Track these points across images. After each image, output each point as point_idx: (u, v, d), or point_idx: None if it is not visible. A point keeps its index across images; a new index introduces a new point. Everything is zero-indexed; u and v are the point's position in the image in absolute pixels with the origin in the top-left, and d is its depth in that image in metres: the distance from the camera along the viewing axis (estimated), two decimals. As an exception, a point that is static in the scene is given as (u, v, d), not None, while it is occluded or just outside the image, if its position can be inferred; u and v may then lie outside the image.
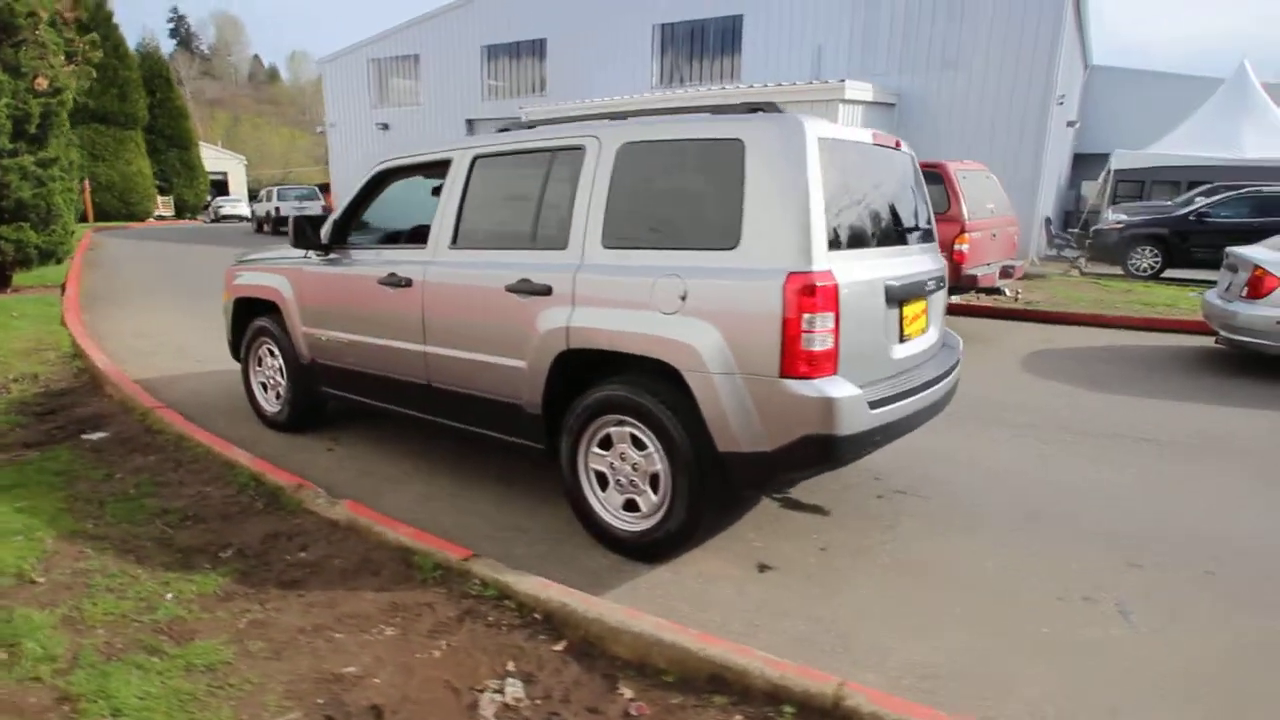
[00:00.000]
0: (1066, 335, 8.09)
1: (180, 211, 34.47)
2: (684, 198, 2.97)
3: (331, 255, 4.27)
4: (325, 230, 4.26)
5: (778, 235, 2.69)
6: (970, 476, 4.08)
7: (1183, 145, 17.40)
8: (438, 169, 3.99)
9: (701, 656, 2.28)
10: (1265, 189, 12.70)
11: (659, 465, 3.01)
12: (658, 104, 16.27)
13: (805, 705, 2.11)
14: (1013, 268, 8.40)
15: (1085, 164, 22.93)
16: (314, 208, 24.14)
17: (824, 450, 2.71)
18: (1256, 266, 6.15)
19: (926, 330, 3.43)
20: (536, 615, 2.59)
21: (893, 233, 3.24)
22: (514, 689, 2.27)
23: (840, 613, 2.77)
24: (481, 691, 2.26)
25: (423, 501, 3.73)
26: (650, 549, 3.10)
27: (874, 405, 2.80)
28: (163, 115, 32.82)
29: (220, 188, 41.74)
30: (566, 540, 3.31)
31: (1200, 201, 13.84)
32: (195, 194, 35.50)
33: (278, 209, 24.38)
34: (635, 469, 3.09)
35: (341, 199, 4.07)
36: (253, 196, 36.59)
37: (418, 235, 4.95)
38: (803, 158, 2.71)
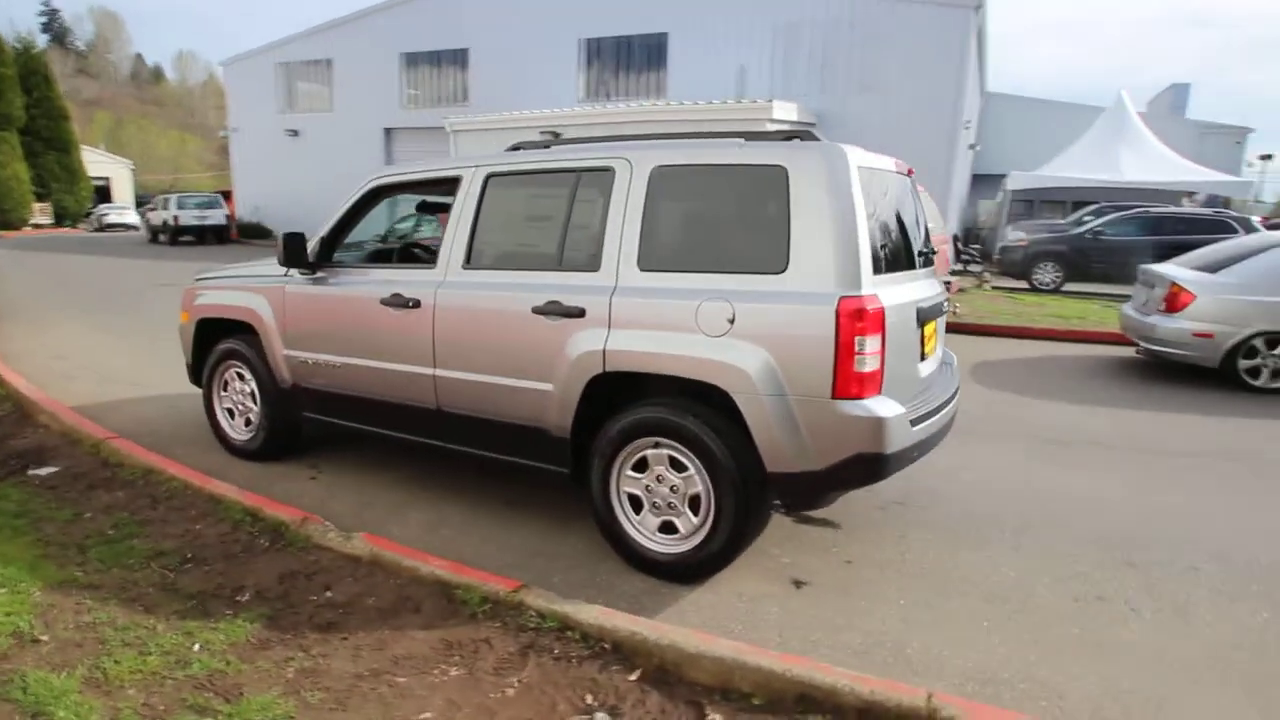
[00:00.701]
0: (999, 347, 8.62)
1: (60, 219, 31.82)
2: (726, 222, 3.01)
3: (318, 274, 4.07)
4: (311, 247, 4.04)
5: (826, 260, 2.77)
6: (957, 487, 4.28)
7: (1069, 168, 18.84)
8: (440, 186, 3.88)
9: (788, 677, 2.30)
10: (1152, 210, 13.97)
11: (699, 487, 3.02)
12: (604, 119, 16.32)
13: (901, 718, 2.17)
14: (949, 283, 8.89)
15: (980, 184, 24.53)
16: (217, 216, 22.82)
17: (873, 468, 2.80)
18: (1173, 283, 6.76)
19: (935, 349, 3.60)
20: (605, 645, 2.54)
21: (912, 256, 3.38)
22: (604, 723, 2.22)
23: (886, 625, 2.85)
24: (570, 728, 2.20)
25: (432, 530, 3.60)
26: (688, 571, 3.10)
27: (913, 423, 2.91)
28: (40, 116, 30.33)
29: (103, 194, 38.77)
30: (596, 565, 3.27)
31: (1093, 221, 15.05)
32: (76, 200, 32.90)
33: (176, 218, 22.89)
34: (674, 491, 3.09)
35: (327, 215, 3.85)
36: (140, 203, 34.20)
37: (408, 254, 4.82)
38: (848, 185, 2.80)
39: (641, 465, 3.16)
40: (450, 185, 3.76)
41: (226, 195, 25.34)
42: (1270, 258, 6.47)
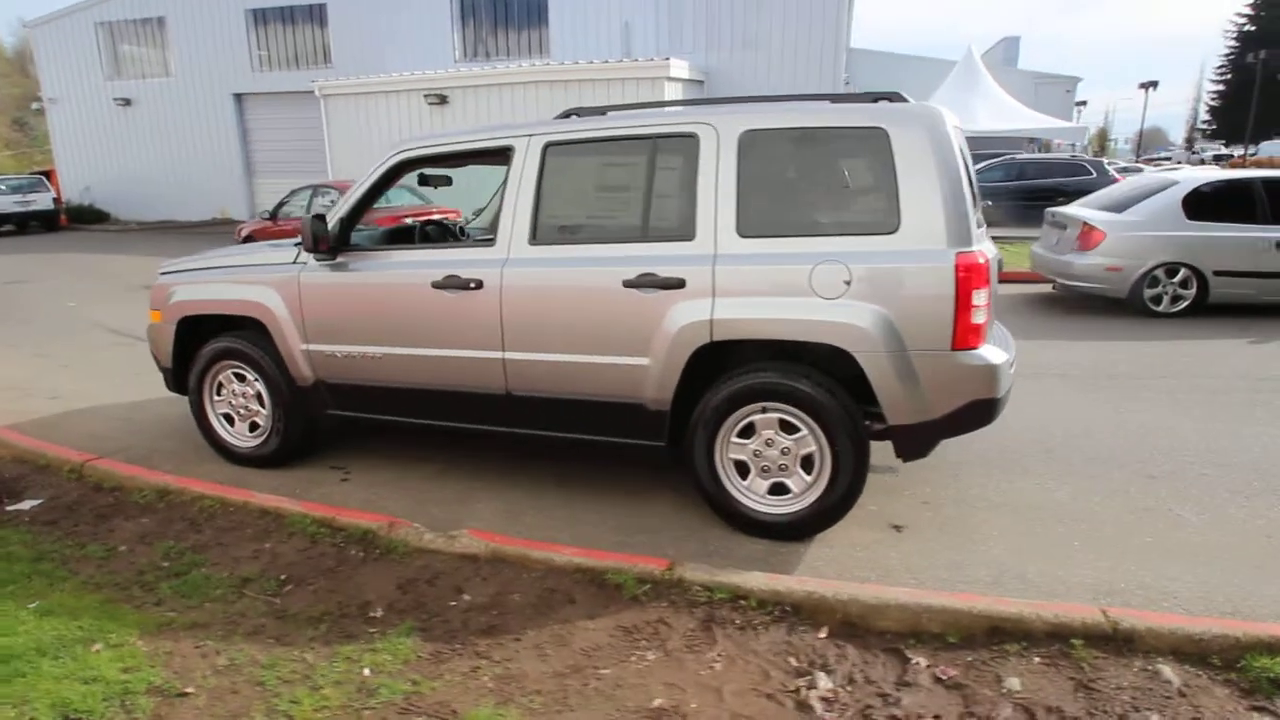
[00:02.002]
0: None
1: None
2: (828, 185, 3.04)
3: (338, 259, 3.73)
4: (331, 230, 3.68)
5: (936, 218, 2.88)
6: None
7: (933, 119, 20.08)
8: (482, 157, 3.64)
9: (974, 613, 2.46)
10: (1018, 156, 15.27)
11: (812, 446, 3.10)
12: (495, 79, 15.58)
13: (1088, 635, 2.38)
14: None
15: (850, 136, 25.74)
16: (43, 201, 19.99)
17: (986, 412, 2.99)
18: (1085, 223, 7.50)
19: None
20: (785, 608, 2.59)
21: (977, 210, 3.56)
22: (824, 680, 2.29)
23: (998, 555, 3.08)
24: (796, 692, 2.25)
25: (513, 519, 3.47)
26: (803, 528, 3.19)
27: (1009, 367, 3.13)
28: None
29: None
30: (704, 534, 3.29)
31: (965, 168, 16.25)
32: None
33: (-12, 203, 19.81)
34: (785, 453, 3.15)
35: (342, 193, 3.46)
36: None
37: (429, 232, 4.49)
38: (950, 144, 2.91)
39: (746, 431, 3.19)
40: (497, 156, 3.53)
41: (48, 175, 22.21)
42: (1166, 196, 7.31)
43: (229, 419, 4.20)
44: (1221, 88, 49.00)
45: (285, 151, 20.90)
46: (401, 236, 4.33)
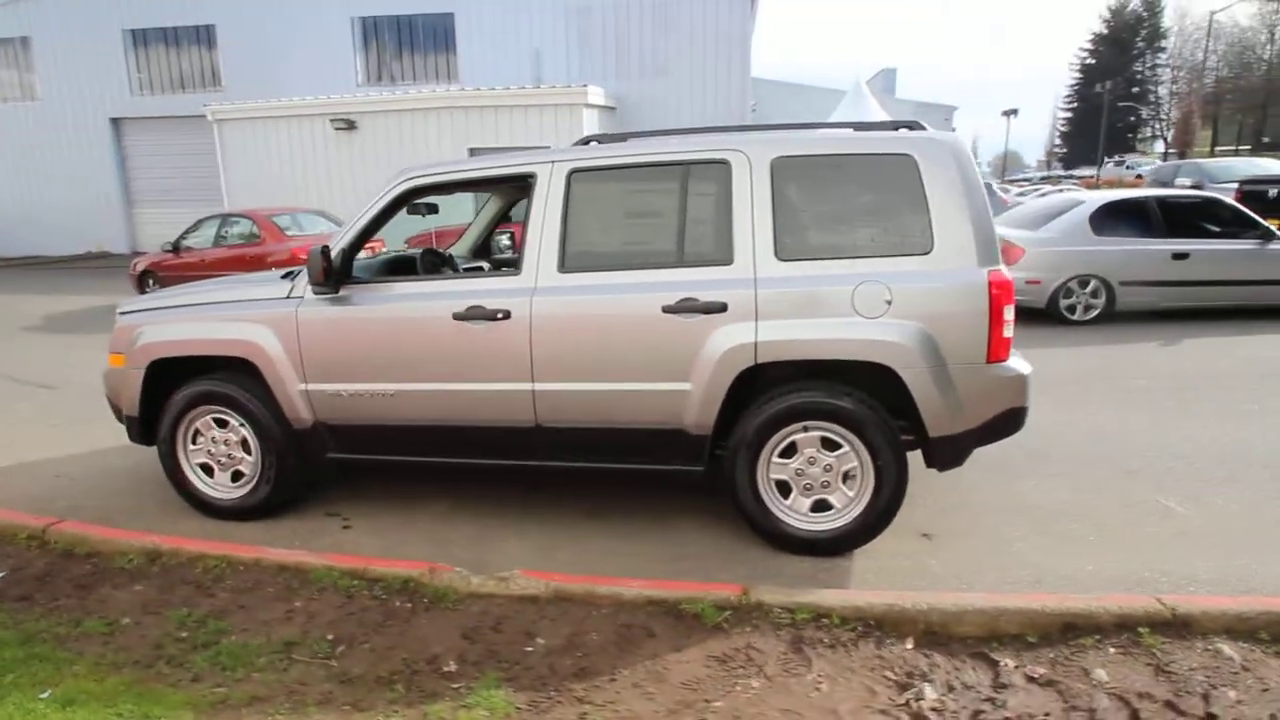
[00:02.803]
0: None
1: None
2: (861, 209, 3.15)
3: (341, 293, 3.52)
4: (334, 261, 3.47)
5: (966, 239, 3.04)
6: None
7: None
8: (497, 185, 3.55)
9: (1048, 612, 2.58)
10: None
11: (854, 462, 3.18)
12: (410, 104, 15.17)
13: (1151, 623, 2.55)
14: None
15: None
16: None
17: (1017, 419, 3.17)
18: (1005, 240, 8.09)
19: None
20: (869, 623, 2.63)
21: None
22: (929, 691, 2.33)
23: (1029, 555, 3.24)
24: (907, 705, 2.28)
25: (548, 554, 3.36)
26: (842, 544, 3.25)
27: None
28: None
29: None
30: (745, 555, 3.30)
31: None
32: None
33: None
34: (827, 470, 3.21)
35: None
36: None
37: (434, 263, 4.30)
38: (972, 169, 3.09)
39: (787, 451, 3.24)
40: (514, 183, 3.45)
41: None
42: (1074, 215, 8.01)
43: (207, 469, 3.85)
44: (1069, 114, 54.32)
45: (171, 179, 19.56)
46: (398, 268, 4.13)
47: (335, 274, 3.43)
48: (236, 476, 3.82)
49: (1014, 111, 41.39)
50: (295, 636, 2.68)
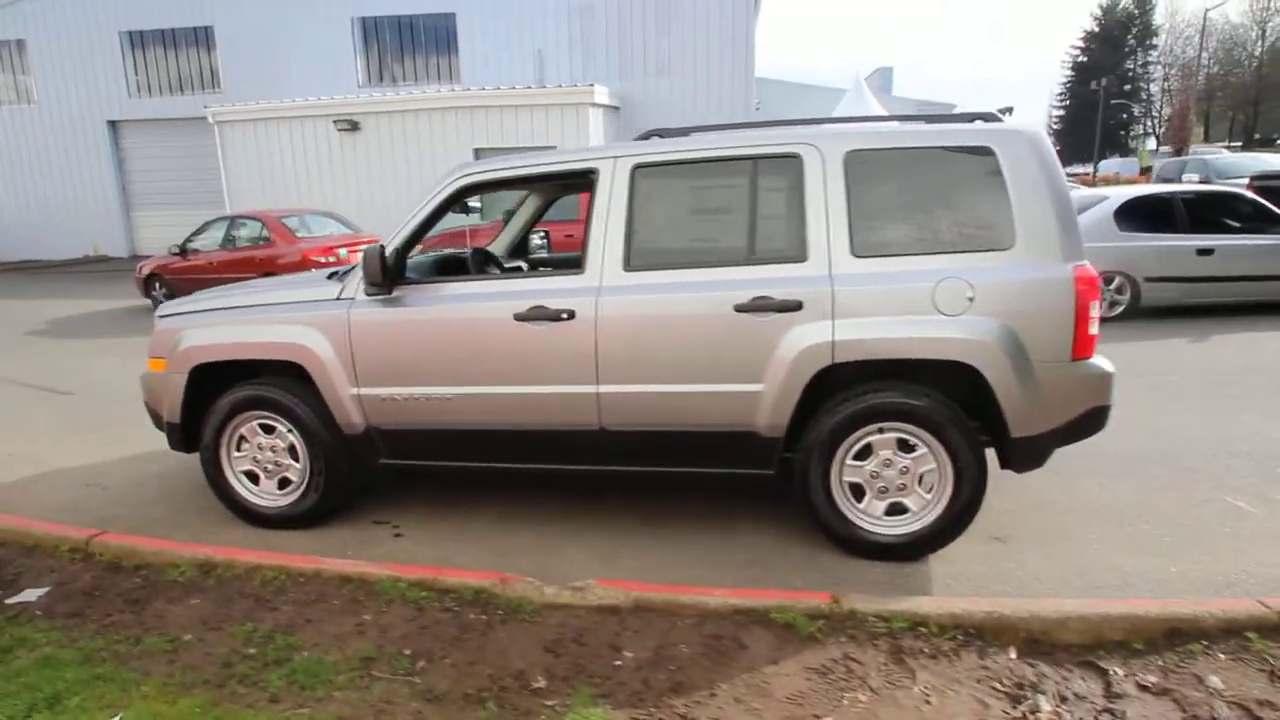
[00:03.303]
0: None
1: None
2: (939, 203, 3.06)
3: (394, 294, 3.42)
4: (388, 260, 3.36)
5: (1051, 234, 2.96)
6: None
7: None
8: (556, 181, 3.45)
9: (1152, 617, 2.50)
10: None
11: (932, 464, 3.09)
12: (419, 104, 15.04)
13: (1258, 627, 2.47)
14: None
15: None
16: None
17: (1101, 418, 3.08)
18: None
19: None
20: (969, 631, 2.54)
21: None
22: (1044, 703, 2.25)
23: (1109, 557, 3.15)
24: (1021, 718, 2.19)
25: (607, 563, 3.25)
26: (917, 548, 3.16)
27: None
28: None
29: None
30: (815, 559, 3.21)
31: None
32: None
33: None
34: (904, 472, 3.12)
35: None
36: None
37: (484, 262, 4.19)
38: (1053, 161, 3.01)
39: (862, 453, 3.15)
40: (574, 179, 3.36)
41: None
42: (1098, 211, 7.95)
43: (252, 476, 3.74)
44: (1062, 112, 54.55)
45: (170, 182, 19.35)
46: (446, 268, 4.02)
47: (390, 274, 3.32)
48: (283, 484, 3.71)
49: (1009, 109, 41.38)
50: (371, 652, 2.57)
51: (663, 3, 17.82)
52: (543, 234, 5.19)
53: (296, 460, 3.66)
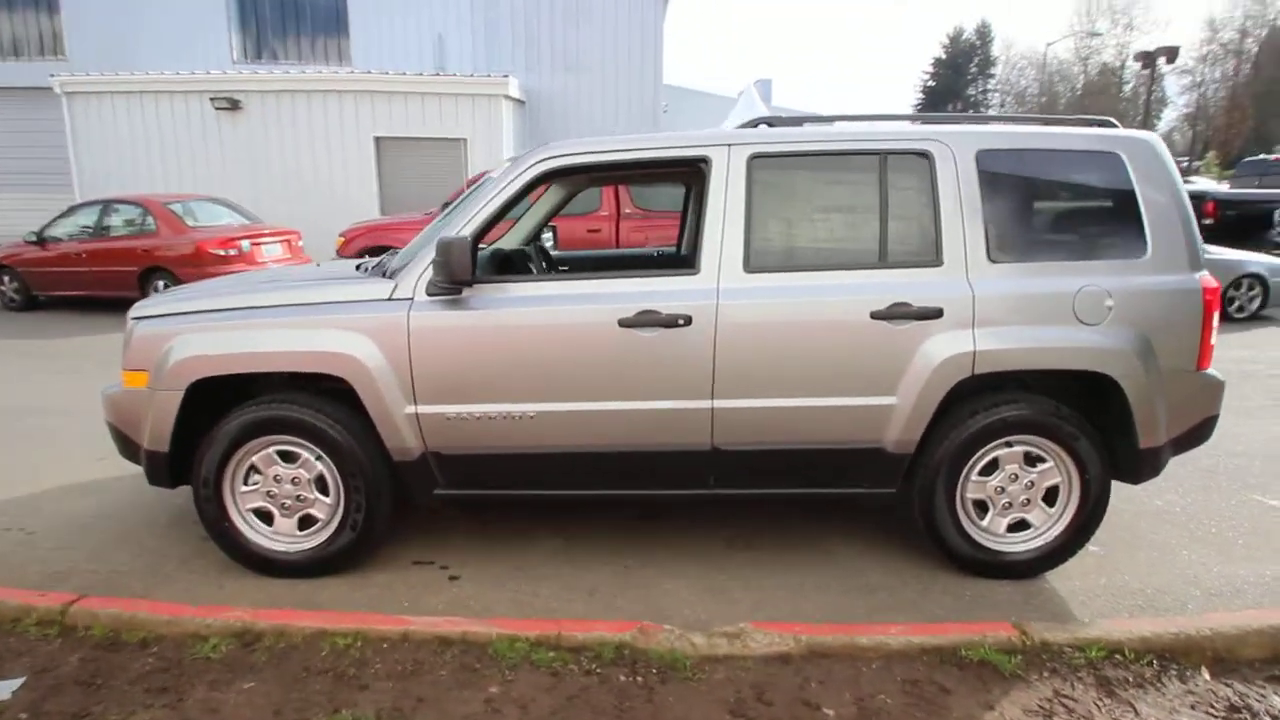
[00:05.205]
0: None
1: None
2: (1072, 209, 2.97)
3: (464, 293, 2.90)
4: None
5: (1178, 243, 2.92)
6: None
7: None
8: (657, 168, 3.07)
9: (1324, 629, 2.49)
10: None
11: (1058, 478, 2.99)
12: (316, 83, 13.72)
13: None
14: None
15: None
16: None
17: (1210, 428, 3.09)
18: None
19: None
20: (1165, 655, 2.42)
21: None
22: (1276, 731, 2.15)
23: (1209, 565, 3.17)
24: (1265, 749, 2.09)
25: (720, 598, 2.93)
26: (1037, 565, 3.05)
27: None
28: None
29: None
30: (935, 581, 3.04)
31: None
32: None
33: None
34: (1029, 487, 3.00)
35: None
36: None
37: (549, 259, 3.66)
38: (1175, 169, 2.99)
39: (987, 468, 3.00)
40: (679, 167, 3.00)
41: None
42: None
43: (264, 515, 3.07)
44: (915, 133, 58.81)
45: (11, 160, 16.58)
46: (504, 265, 3.49)
47: (469, 273, 2.79)
48: (306, 523, 3.07)
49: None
50: (525, 735, 2.10)
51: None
52: (552, 230, 4.73)
53: (325, 494, 3.04)
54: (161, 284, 8.73)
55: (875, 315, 2.82)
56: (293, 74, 14.44)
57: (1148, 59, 24.38)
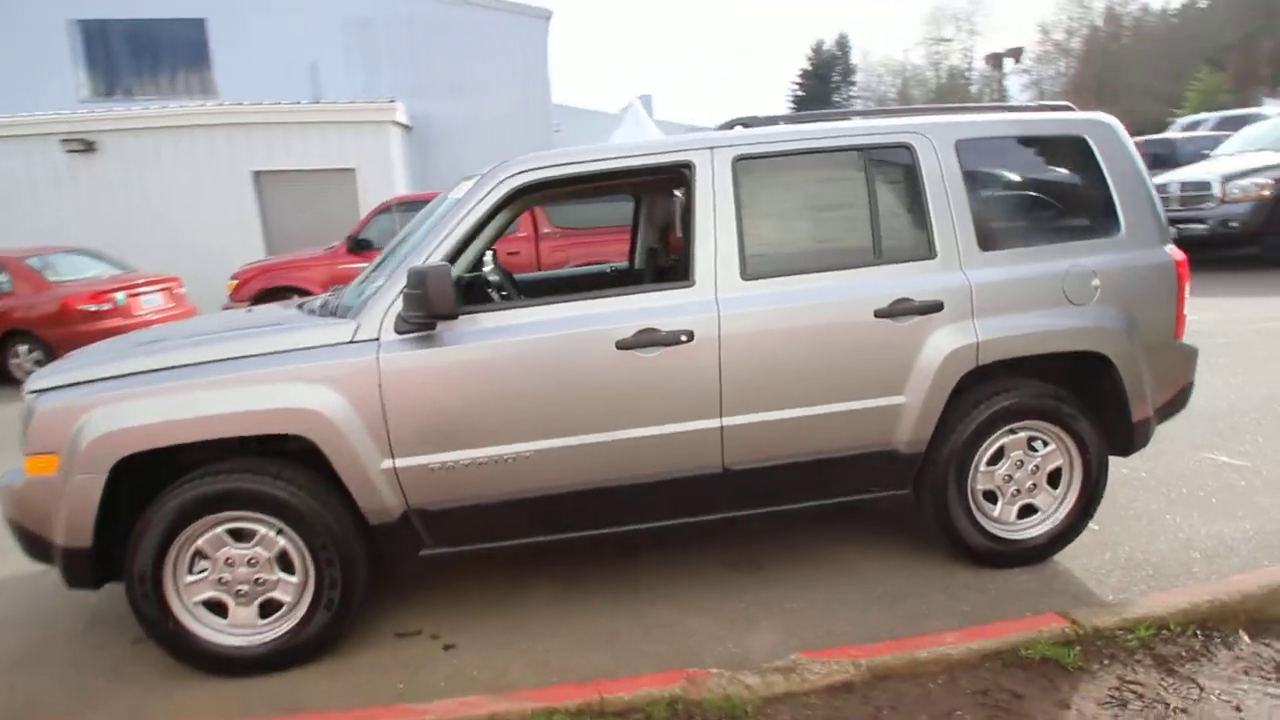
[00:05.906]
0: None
1: None
2: (1047, 192, 2.99)
3: (437, 328, 2.59)
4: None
5: (1147, 219, 2.99)
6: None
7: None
8: (634, 178, 2.87)
9: (1336, 579, 2.57)
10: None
11: (1060, 460, 3.00)
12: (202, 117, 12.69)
13: None
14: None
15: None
16: None
17: (1188, 394, 3.19)
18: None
19: None
20: (1208, 625, 2.42)
21: None
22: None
23: (1195, 527, 3.22)
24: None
25: (748, 626, 2.74)
26: (1050, 547, 3.04)
27: None
28: None
29: None
30: (954, 577, 2.96)
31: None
32: None
33: None
34: (1034, 471, 2.99)
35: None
36: None
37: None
38: (1133, 148, 3.07)
39: (994, 457, 2.97)
40: (658, 175, 2.81)
41: None
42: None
43: (220, 605, 2.63)
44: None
45: None
46: (466, 295, 3.17)
47: (451, 306, 2.49)
48: (268, 608, 2.65)
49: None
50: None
51: (447, 21, 16.94)
52: (493, 252, 4.43)
53: (290, 572, 2.64)
54: (24, 349, 7.73)
55: (879, 314, 2.73)
56: (153, 109, 13.31)
57: (997, 60, 26.39)
